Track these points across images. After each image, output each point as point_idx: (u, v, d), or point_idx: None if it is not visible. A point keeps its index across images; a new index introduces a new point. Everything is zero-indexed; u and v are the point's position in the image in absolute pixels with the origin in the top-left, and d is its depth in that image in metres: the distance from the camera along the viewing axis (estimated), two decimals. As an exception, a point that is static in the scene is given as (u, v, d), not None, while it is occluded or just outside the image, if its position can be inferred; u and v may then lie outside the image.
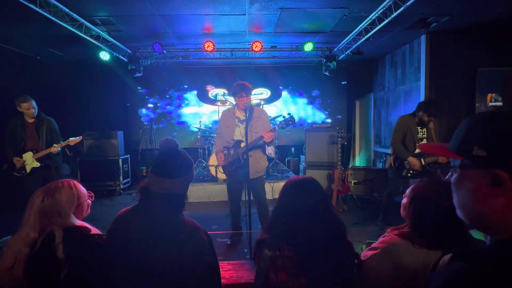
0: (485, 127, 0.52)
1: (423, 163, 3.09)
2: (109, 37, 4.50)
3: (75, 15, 3.60)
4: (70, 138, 3.40)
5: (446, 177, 0.61)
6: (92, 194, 1.38)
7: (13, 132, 3.24)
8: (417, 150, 3.21)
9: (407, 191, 1.20)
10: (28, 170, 3.24)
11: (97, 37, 4.30)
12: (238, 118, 2.96)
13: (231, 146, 2.96)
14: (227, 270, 1.75)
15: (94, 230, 1.22)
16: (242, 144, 2.79)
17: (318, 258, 1.08)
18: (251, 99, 3.00)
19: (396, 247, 1.10)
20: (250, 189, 2.82)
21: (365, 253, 1.22)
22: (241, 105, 2.85)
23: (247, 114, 2.72)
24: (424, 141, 3.21)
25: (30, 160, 3.24)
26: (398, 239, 1.12)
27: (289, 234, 1.14)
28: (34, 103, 3.27)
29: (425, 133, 3.22)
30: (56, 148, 3.24)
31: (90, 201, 1.34)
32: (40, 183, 3.10)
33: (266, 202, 3.08)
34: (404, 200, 1.20)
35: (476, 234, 1.05)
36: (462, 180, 0.54)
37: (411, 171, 3.16)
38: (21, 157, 3.22)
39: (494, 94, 4.43)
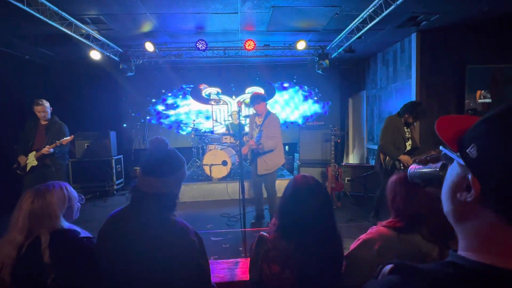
0: (494, 126, 0.43)
1: (412, 160, 3.17)
2: (99, 36, 4.43)
3: (64, 14, 3.54)
4: (63, 138, 3.49)
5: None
6: (83, 197, 1.36)
7: (27, 132, 3.42)
8: (408, 148, 3.29)
9: (387, 186, 1.29)
10: (27, 168, 3.35)
11: (87, 36, 4.24)
12: (256, 123, 3.59)
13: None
14: (221, 269, 1.76)
15: (83, 233, 1.20)
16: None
17: (310, 252, 1.11)
18: (257, 106, 3.47)
19: (382, 236, 1.16)
20: (256, 184, 3.60)
21: (353, 245, 1.27)
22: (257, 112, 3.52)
23: (263, 121, 3.46)
24: (410, 140, 3.33)
25: (31, 159, 3.36)
26: (385, 229, 1.18)
27: (285, 228, 1.17)
28: (47, 107, 3.42)
29: (410, 133, 3.34)
30: (47, 149, 3.32)
31: (79, 204, 1.32)
32: (38, 182, 3.12)
33: (274, 194, 3.56)
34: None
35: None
36: (452, 171, 0.51)
37: (402, 169, 3.23)
38: (26, 156, 3.35)
39: (483, 91, 4.52)
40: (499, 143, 0.41)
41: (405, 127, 3.31)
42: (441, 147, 0.53)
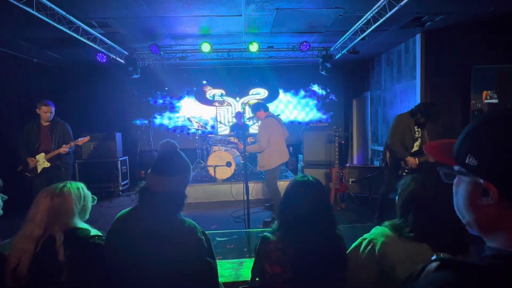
0: (481, 134, 0.48)
1: (417, 162, 3.15)
2: (106, 39, 4.50)
3: (71, 18, 3.60)
4: (78, 138, 3.58)
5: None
6: (95, 198, 1.40)
7: (28, 134, 3.43)
8: (415, 149, 3.26)
9: (400, 186, 1.24)
10: (39, 170, 3.39)
11: (94, 39, 4.31)
12: None
13: None
14: (226, 269, 1.78)
15: (94, 232, 1.23)
16: None
17: (310, 253, 1.13)
18: (256, 114, 3.92)
19: (385, 236, 1.15)
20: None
21: (356, 243, 1.26)
22: None
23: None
24: (419, 141, 3.27)
25: (41, 161, 3.39)
26: (388, 230, 1.17)
27: (287, 229, 1.19)
28: (53, 109, 3.47)
29: (421, 133, 3.28)
30: (65, 148, 3.39)
31: (90, 205, 1.36)
32: (50, 183, 3.17)
33: (272, 192, 3.74)
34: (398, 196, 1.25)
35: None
36: (459, 184, 0.53)
37: (406, 170, 3.21)
38: (35, 158, 3.38)
39: (489, 91, 4.47)
40: (493, 146, 0.46)
41: (416, 127, 3.24)
42: (438, 168, 0.57)
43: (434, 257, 0.50)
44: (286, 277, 1.12)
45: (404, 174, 3.22)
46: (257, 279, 1.26)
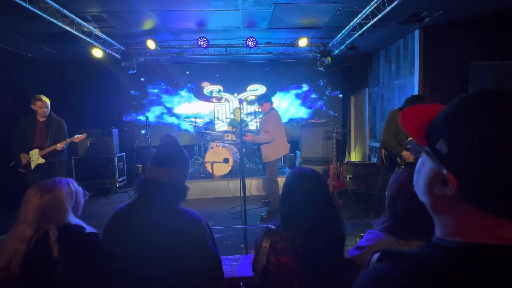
0: (463, 121, 0.42)
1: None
2: (101, 34, 4.44)
3: (66, 11, 3.54)
4: (74, 136, 3.52)
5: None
6: (87, 193, 1.37)
7: (23, 130, 3.37)
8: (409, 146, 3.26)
9: (391, 180, 1.22)
10: (32, 166, 3.33)
11: (89, 34, 4.25)
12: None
13: None
14: (223, 265, 1.77)
15: (89, 229, 1.21)
16: None
17: (316, 242, 1.13)
18: (260, 106, 3.99)
19: (381, 243, 1.12)
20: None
21: (351, 252, 1.24)
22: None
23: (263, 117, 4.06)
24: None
25: (35, 157, 3.34)
26: (383, 235, 1.14)
27: (289, 219, 1.19)
28: (48, 103, 3.40)
29: None
30: (60, 145, 3.34)
31: (83, 201, 1.33)
32: (44, 179, 3.14)
33: (271, 185, 3.88)
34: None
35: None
36: (423, 164, 0.49)
37: (402, 166, 3.20)
38: (28, 154, 3.33)
39: (487, 88, 4.47)
40: (471, 138, 0.40)
41: None
42: (407, 141, 0.54)
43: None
44: (292, 267, 1.12)
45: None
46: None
